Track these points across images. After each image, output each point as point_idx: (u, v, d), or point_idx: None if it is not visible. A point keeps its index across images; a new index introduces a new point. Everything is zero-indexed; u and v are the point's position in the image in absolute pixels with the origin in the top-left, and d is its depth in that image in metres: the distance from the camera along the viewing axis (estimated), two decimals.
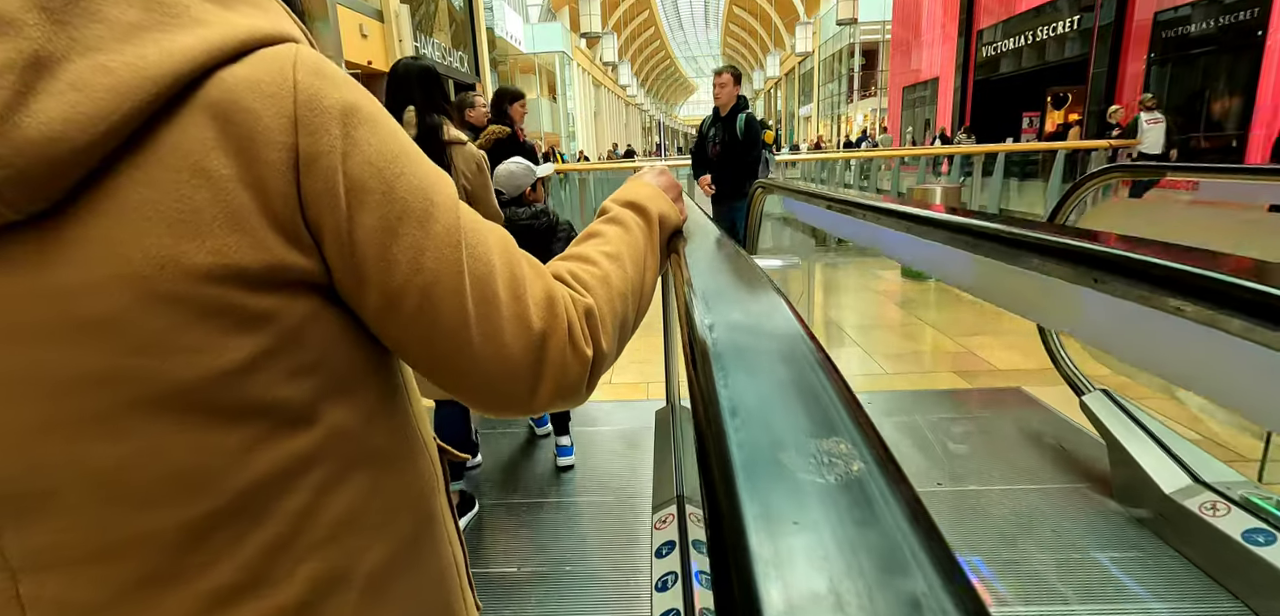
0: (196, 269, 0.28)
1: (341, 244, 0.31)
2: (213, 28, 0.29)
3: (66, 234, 0.26)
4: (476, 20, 16.26)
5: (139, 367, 0.28)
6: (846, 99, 24.64)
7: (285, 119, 0.30)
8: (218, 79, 0.29)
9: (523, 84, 26.82)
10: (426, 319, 0.34)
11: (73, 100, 0.25)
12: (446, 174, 0.37)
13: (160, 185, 0.27)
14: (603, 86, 32.17)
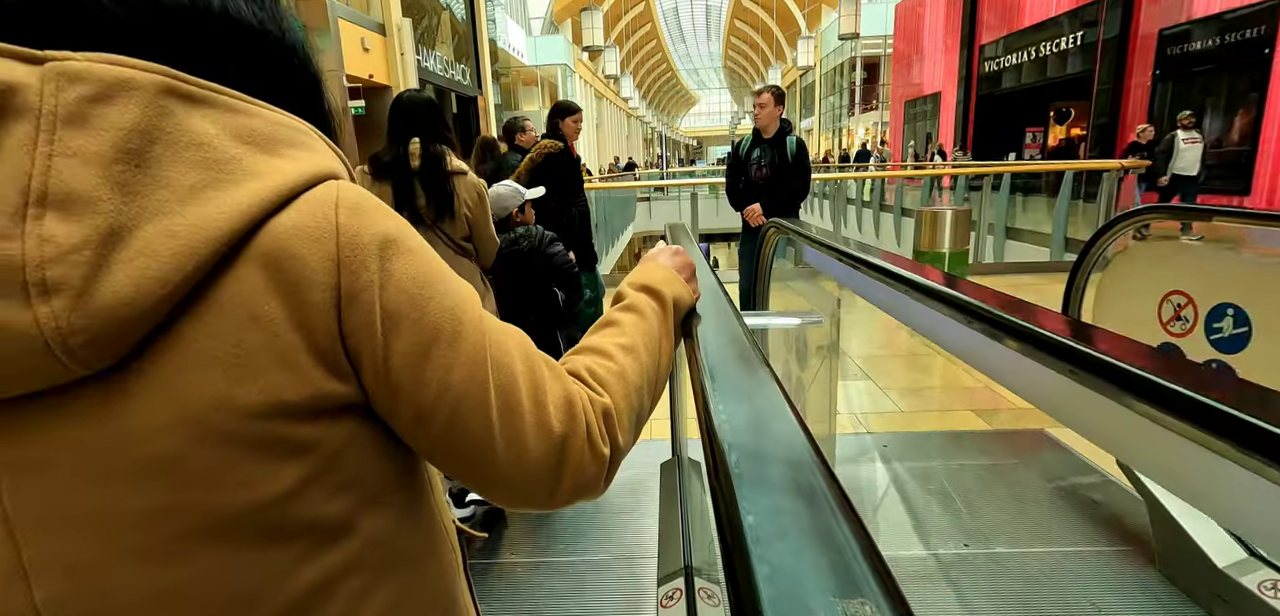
0: (249, 407, 0.30)
1: (377, 369, 0.34)
2: (262, 178, 0.31)
3: (131, 384, 0.29)
4: (479, 34, 16.29)
5: (196, 500, 0.30)
6: (848, 112, 24.67)
7: (329, 261, 0.32)
8: (268, 229, 0.31)
9: (525, 96, 26.88)
10: (455, 431, 0.36)
11: (143, 266, 0.27)
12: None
13: (217, 333, 0.30)
14: (604, 98, 32.27)
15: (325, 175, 0.34)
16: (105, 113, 0.28)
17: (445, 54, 14.82)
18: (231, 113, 0.32)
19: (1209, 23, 8.84)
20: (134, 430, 0.29)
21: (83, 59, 0.28)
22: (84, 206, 0.27)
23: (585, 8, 16.46)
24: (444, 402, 0.36)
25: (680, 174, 22.98)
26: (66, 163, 0.27)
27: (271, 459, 0.31)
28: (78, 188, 0.27)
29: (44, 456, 0.29)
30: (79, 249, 0.26)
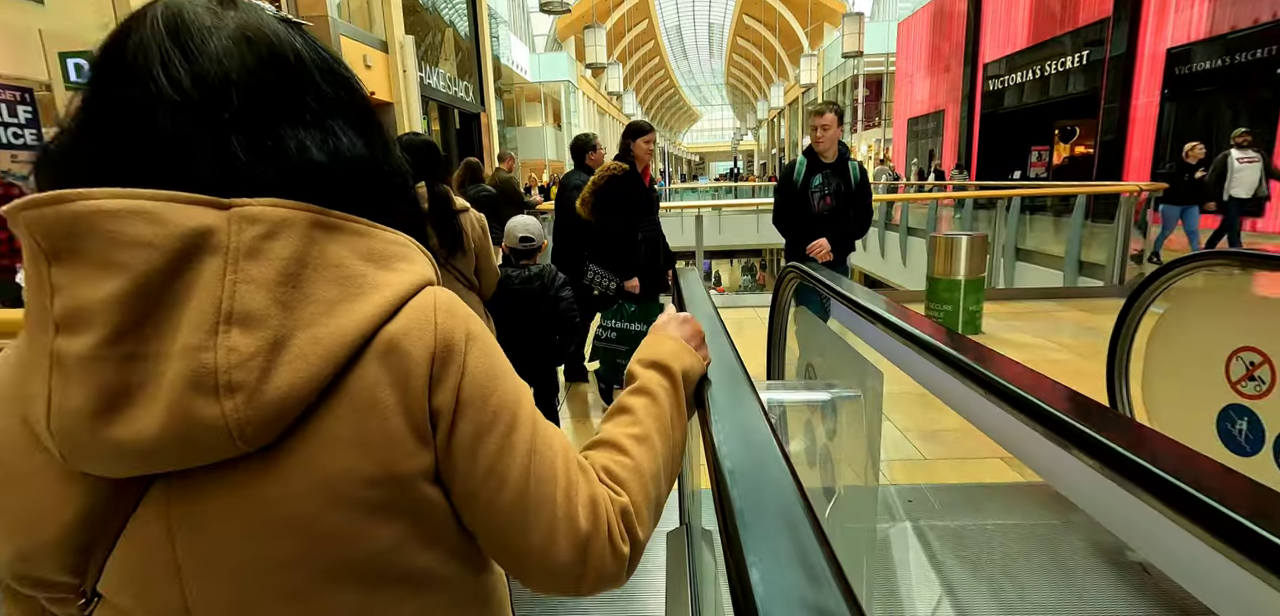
0: (367, 477, 0.38)
1: (443, 442, 0.41)
2: (382, 291, 0.39)
3: (280, 459, 0.37)
4: (482, 51, 16.34)
5: (326, 551, 0.38)
6: (851, 129, 24.67)
7: (428, 354, 0.40)
8: (385, 331, 0.39)
9: (528, 113, 26.99)
10: (495, 513, 0.42)
11: (297, 367, 0.35)
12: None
13: (346, 418, 0.37)
14: (608, 114, 32.39)
15: (425, 283, 0.42)
16: (272, 246, 0.36)
17: (449, 71, 14.83)
18: (358, 237, 0.40)
19: (1217, 42, 8.75)
20: (281, 495, 0.37)
21: (257, 204, 0.36)
22: (257, 322, 0.35)
23: (589, 25, 16.50)
24: (489, 485, 0.42)
25: (684, 192, 22.92)
26: (246, 288, 0.35)
27: (380, 518, 0.39)
28: (253, 307, 0.35)
29: (210, 516, 0.36)
30: (253, 356, 0.34)
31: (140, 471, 0.35)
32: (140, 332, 0.33)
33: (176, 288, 0.34)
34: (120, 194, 0.33)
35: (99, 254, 0.33)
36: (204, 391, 0.33)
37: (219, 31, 0.37)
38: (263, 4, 0.43)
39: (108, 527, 0.36)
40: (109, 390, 0.33)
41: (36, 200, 0.33)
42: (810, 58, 21.35)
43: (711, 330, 0.71)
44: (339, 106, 0.42)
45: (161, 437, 0.33)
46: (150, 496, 0.36)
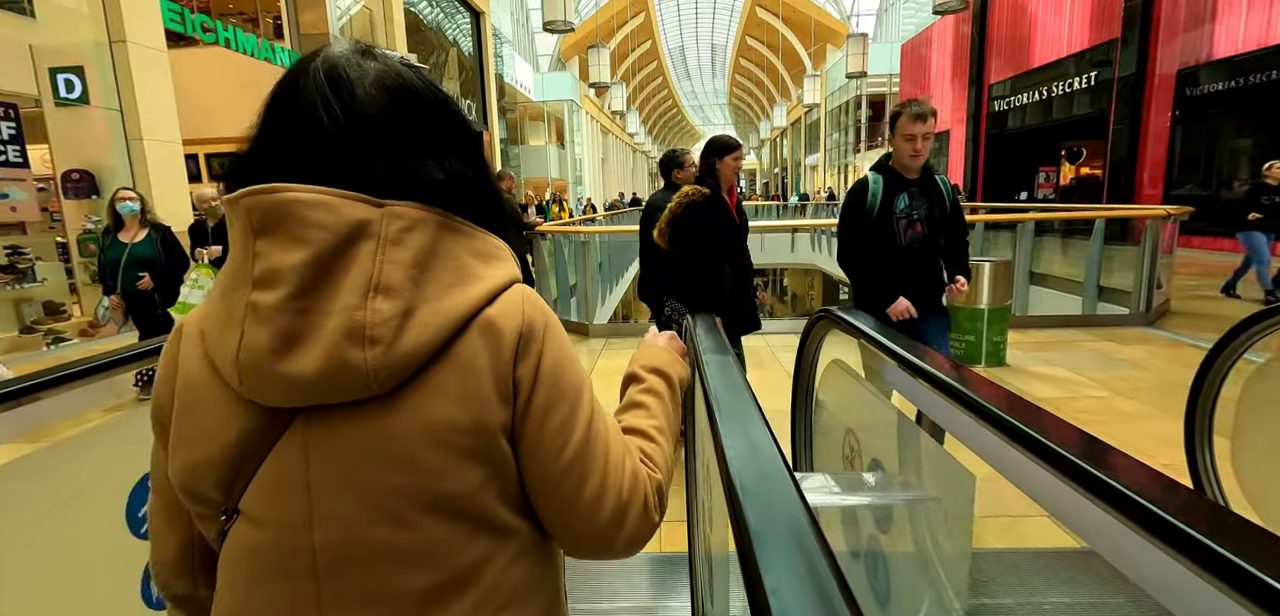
0: (461, 426, 0.47)
1: (522, 406, 0.50)
2: (485, 281, 0.49)
3: (396, 404, 0.46)
4: (485, 70, 16.36)
5: (423, 485, 0.46)
6: (853, 149, 24.64)
7: (516, 334, 0.49)
8: (485, 312, 0.49)
9: (531, 131, 27.03)
10: (555, 469, 0.51)
11: (420, 331, 0.45)
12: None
13: (451, 376, 0.47)
14: (610, 133, 32.47)
15: (515, 279, 0.52)
16: (411, 237, 0.46)
17: (452, 89, 14.82)
18: (469, 237, 0.50)
19: (1229, 63, 8.60)
20: (395, 433, 0.46)
21: (402, 206, 0.47)
22: (396, 293, 0.45)
23: (592, 45, 16.52)
24: (554, 445, 0.51)
25: None
26: (390, 266, 0.45)
27: (469, 462, 0.48)
28: (394, 281, 0.45)
29: (339, 445, 0.46)
30: (392, 319, 0.44)
31: (297, 402, 0.45)
32: (313, 292, 0.44)
33: (342, 261, 0.44)
34: (311, 189, 0.45)
35: (293, 231, 0.44)
36: (354, 341, 0.43)
37: (363, 80, 0.48)
38: (390, 52, 0.51)
39: (258, 450, 0.47)
40: (286, 333, 0.43)
41: (255, 190, 0.44)
42: (814, 78, 21.37)
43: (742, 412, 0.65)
44: (451, 136, 0.52)
45: (318, 374, 0.43)
46: (294, 427, 0.46)
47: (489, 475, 0.48)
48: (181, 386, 0.48)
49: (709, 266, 2.40)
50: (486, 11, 16.10)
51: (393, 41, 11.16)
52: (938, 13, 10.45)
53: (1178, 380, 3.36)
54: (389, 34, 11.15)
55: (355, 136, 0.46)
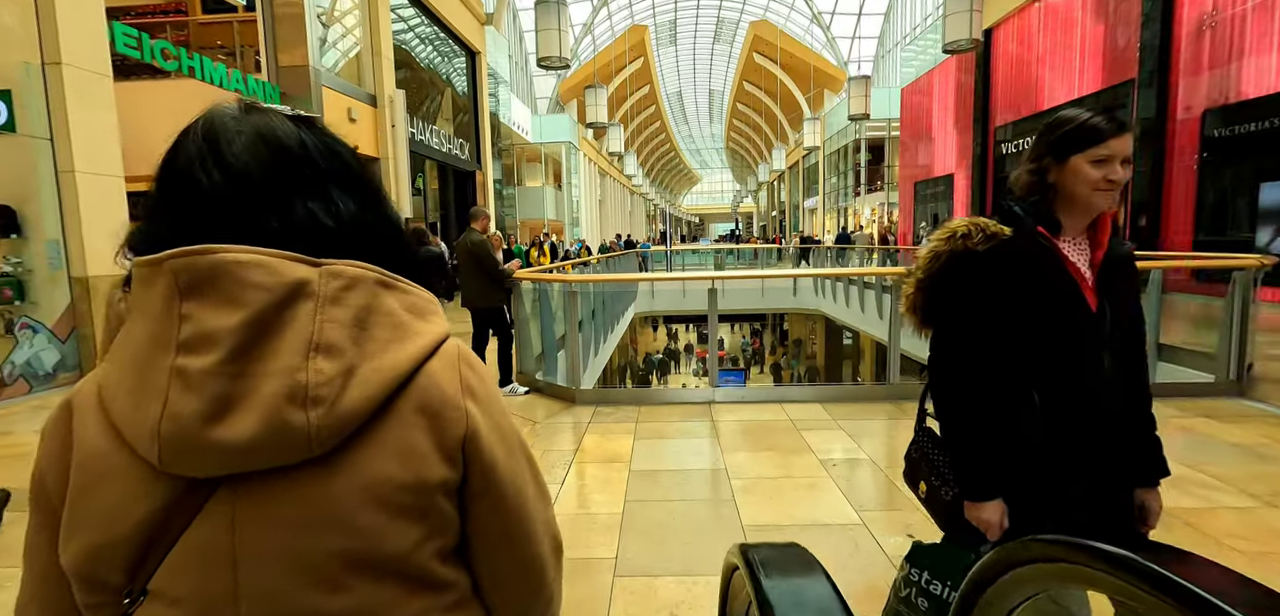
0: (403, 483, 0.45)
1: (480, 466, 0.49)
2: (422, 337, 0.48)
3: (333, 464, 0.43)
4: (480, 111, 16.04)
5: (360, 546, 0.44)
6: (853, 192, 24.40)
7: (457, 391, 0.49)
8: (424, 368, 0.47)
9: (528, 173, 26.81)
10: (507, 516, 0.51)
11: (362, 389, 0.44)
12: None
13: (391, 433, 0.45)
14: (608, 176, 32.35)
15: (448, 334, 0.51)
16: (350, 296, 0.45)
17: (446, 129, 14.42)
18: (403, 293, 0.49)
19: (1263, 103, 8.14)
20: (332, 494, 0.43)
21: (341, 264, 0.45)
22: (337, 352, 0.43)
23: (590, 86, 16.28)
24: (507, 491, 0.51)
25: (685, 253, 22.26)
26: (330, 326, 0.44)
27: (410, 520, 0.46)
28: (335, 340, 0.43)
29: (270, 511, 0.43)
30: (334, 378, 0.43)
31: (226, 470, 0.42)
32: (249, 355, 0.42)
33: (280, 321, 0.43)
34: (248, 250, 0.43)
35: (227, 292, 0.42)
36: (295, 402, 0.41)
37: (241, 136, 0.47)
38: (277, 107, 0.50)
39: (174, 526, 0.43)
40: (219, 398, 0.41)
41: (185, 251, 0.42)
42: (813, 121, 21.23)
43: None
44: (346, 183, 0.50)
45: (254, 440, 0.41)
46: (217, 497, 0.43)
47: (428, 532, 0.47)
48: (78, 464, 0.44)
49: (990, 393, 1.10)
50: (482, 51, 15.88)
51: (380, 76, 10.73)
52: (947, 52, 10.08)
53: None
54: (377, 70, 10.73)
55: (234, 194, 0.45)
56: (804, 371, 21.52)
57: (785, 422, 3.77)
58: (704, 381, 24.86)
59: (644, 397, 4.36)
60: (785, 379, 22.73)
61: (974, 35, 9.85)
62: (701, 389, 4.33)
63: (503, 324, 4.52)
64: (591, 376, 7.19)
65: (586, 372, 6.84)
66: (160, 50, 6.61)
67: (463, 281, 4.53)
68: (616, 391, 5.06)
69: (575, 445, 3.49)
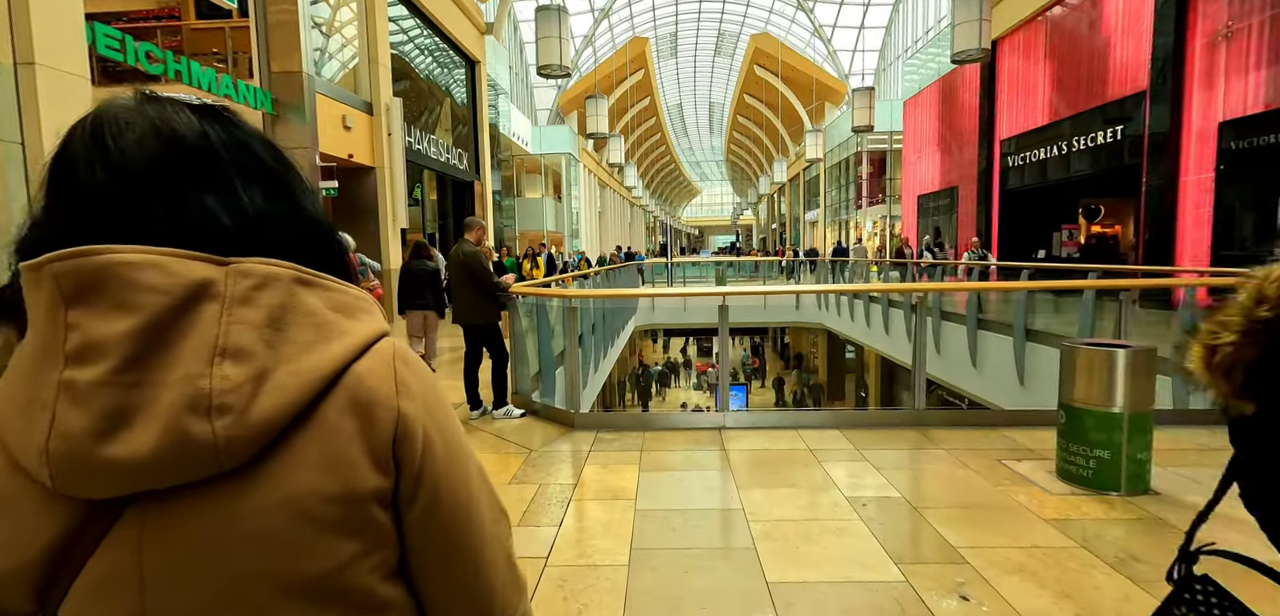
0: (329, 494, 0.41)
1: (415, 469, 0.45)
2: (350, 336, 0.44)
3: (250, 478, 0.40)
4: (479, 122, 15.84)
5: (283, 566, 0.40)
6: (854, 205, 24.23)
7: (390, 393, 0.44)
8: (352, 370, 0.43)
9: (528, 184, 26.62)
10: (455, 528, 0.47)
11: (278, 396, 0.40)
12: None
13: (315, 441, 0.41)
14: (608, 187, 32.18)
15: (382, 333, 0.47)
16: (261, 295, 0.41)
17: (445, 139, 14.20)
18: (329, 291, 0.45)
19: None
20: (250, 510, 0.39)
21: (251, 262, 0.42)
22: (246, 356, 0.40)
23: (591, 96, 16.10)
24: (454, 500, 0.47)
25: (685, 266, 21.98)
26: (238, 328, 0.40)
27: (338, 535, 0.41)
28: (243, 344, 0.40)
29: (181, 532, 0.39)
30: (242, 385, 0.39)
31: (126, 490, 0.39)
32: (144, 363, 0.38)
33: (179, 327, 0.39)
34: (140, 250, 0.39)
35: (117, 296, 0.38)
36: (198, 412, 0.38)
37: (133, 127, 0.43)
38: (181, 96, 0.48)
39: (80, 550, 0.40)
40: (111, 412, 0.37)
41: (67, 253, 0.39)
42: (815, 133, 21.09)
43: None
44: (241, 172, 0.45)
45: (154, 454, 0.37)
46: (124, 518, 0.39)
47: (365, 547, 0.43)
48: None
49: None
50: (482, 61, 15.72)
51: (376, 83, 10.51)
52: (956, 61, 9.89)
53: None
54: (374, 77, 10.51)
55: (120, 191, 0.42)
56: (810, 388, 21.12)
57: (803, 452, 3.46)
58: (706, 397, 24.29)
59: (648, 422, 4.04)
60: (789, 389, 22.38)
61: (983, 44, 9.67)
62: (710, 413, 4.02)
63: (498, 342, 4.22)
64: (591, 393, 6.87)
65: (586, 389, 6.53)
66: (145, 53, 6.36)
67: (454, 296, 4.23)
68: (618, 415, 4.75)
69: (574, 478, 3.17)
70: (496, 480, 3.10)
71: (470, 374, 4.23)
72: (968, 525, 2.51)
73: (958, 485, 2.94)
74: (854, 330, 13.55)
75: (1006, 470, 3.09)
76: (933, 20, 22.32)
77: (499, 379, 4.22)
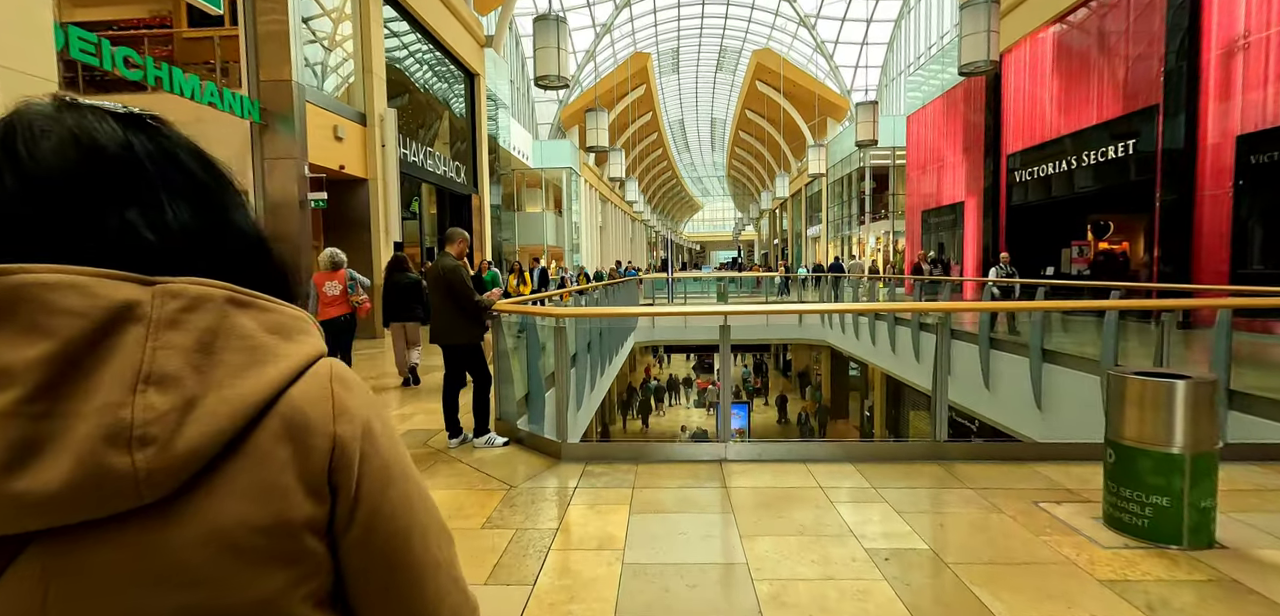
0: (259, 525, 0.39)
1: (349, 495, 0.43)
2: (284, 360, 0.42)
3: (174, 510, 0.38)
4: (478, 136, 15.66)
5: (209, 600, 0.38)
6: (857, 220, 24.00)
7: (327, 418, 0.42)
8: (287, 395, 0.41)
9: (529, 199, 26.45)
10: (391, 547, 0.45)
11: (205, 425, 0.38)
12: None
13: (244, 470, 0.39)
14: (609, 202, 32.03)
15: (320, 353, 0.45)
16: (191, 318, 0.39)
17: (443, 152, 13.99)
18: (264, 312, 0.43)
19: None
20: (173, 543, 0.37)
21: (180, 282, 0.40)
22: (173, 383, 0.38)
23: (591, 109, 15.92)
24: (393, 524, 0.45)
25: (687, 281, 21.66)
26: (164, 353, 0.38)
27: (269, 566, 0.40)
28: (170, 370, 0.38)
29: (91, 567, 0.37)
30: (168, 414, 0.37)
31: (35, 525, 0.36)
32: (57, 392, 0.36)
33: (99, 352, 0.37)
34: (58, 269, 0.37)
35: (29, 319, 0.36)
36: (117, 444, 0.36)
37: (49, 135, 0.41)
38: (106, 105, 0.45)
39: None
40: (17, 444, 0.35)
41: None
42: (817, 148, 20.91)
43: None
44: (168, 185, 0.43)
45: (67, 488, 0.35)
46: (26, 553, 0.37)
47: (294, 578, 0.41)
48: None
49: None
50: (481, 74, 15.57)
51: (371, 95, 10.29)
52: (963, 74, 9.66)
53: None
54: (368, 87, 10.30)
55: (32, 206, 0.39)
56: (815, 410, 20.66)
57: (813, 491, 3.11)
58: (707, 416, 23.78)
59: (642, 453, 3.69)
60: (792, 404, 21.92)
61: (991, 57, 9.44)
62: (710, 444, 3.67)
63: (480, 365, 3.89)
64: (584, 417, 6.51)
65: (580, 411, 6.17)
66: (123, 59, 6.12)
67: (432, 312, 3.91)
68: (610, 446, 4.40)
69: (557, 519, 2.82)
70: (468, 524, 2.75)
71: (449, 398, 3.90)
72: (1010, 587, 2.15)
73: (993, 534, 2.58)
74: (859, 348, 13.19)
75: (1045, 515, 2.73)
76: (935, 36, 22.25)
77: (480, 404, 3.88)
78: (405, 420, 4.61)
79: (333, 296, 5.74)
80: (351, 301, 5.78)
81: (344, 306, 5.76)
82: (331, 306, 5.72)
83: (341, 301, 5.75)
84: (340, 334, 5.76)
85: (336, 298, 5.75)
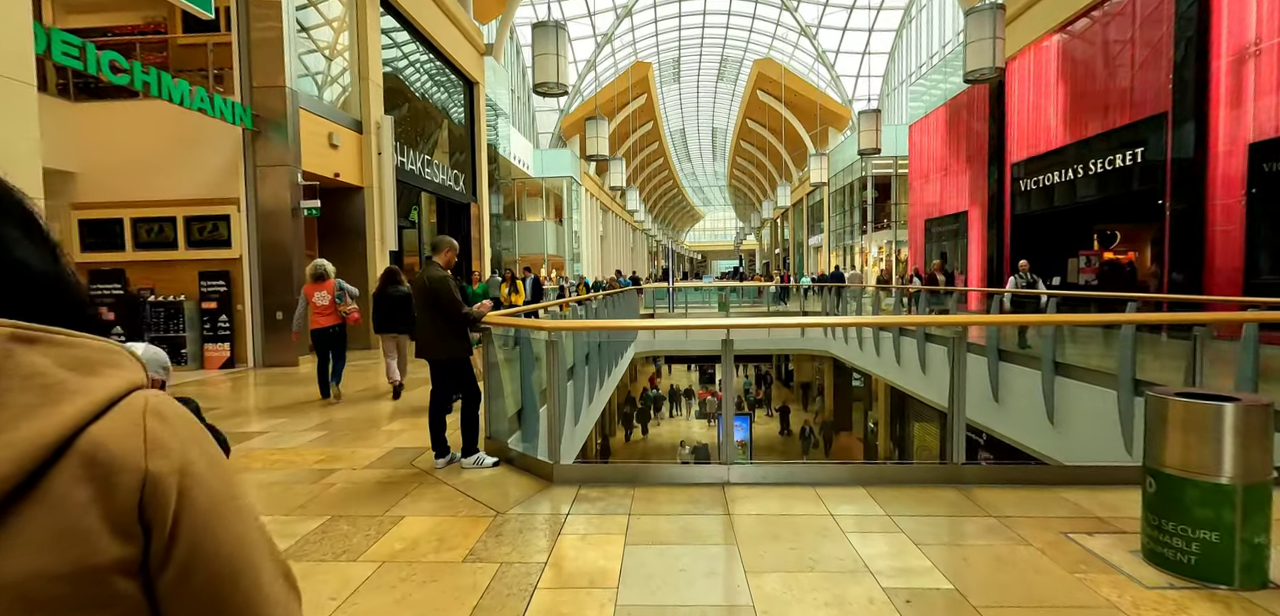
0: (57, 573, 0.37)
1: (164, 534, 0.40)
2: (85, 395, 0.40)
3: None
4: (478, 145, 15.55)
5: None
6: (859, 230, 23.84)
7: (135, 452, 0.40)
8: (87, 433, 0.39)
9: (529, 207, 26.35)
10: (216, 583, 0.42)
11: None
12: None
13: (38, 518, 0.37)
14: (610, 211, 31.93)
15: (134, 386, 0.43)
16: None
17: (442, 160, 13.87)
18: (61, 347, 0.41)
19: None
20: None
21: None
22: None
23: (591, 118, 15.82)
24: (217, 565, 0.42)
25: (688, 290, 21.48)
26: None
27: (74, 613, 0.37)
28: None
29: None
30: None
31: None
32: None
33: None
34: None
35: None
36: None
37: None
38: None
39: None
40: None
41: None
42: (819, 157, 20.80)
43: None
44: None
45: None
46: None
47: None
48: None
49: None
50: (481, 82, 15.48)
51: (368, 102, 10.16)
52: (969, 81, 9.52)
53: None
54: (364, 94, 10.17)
55: None
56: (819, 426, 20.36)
57: (823, 518, 2.89)
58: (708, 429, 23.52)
59: (639, 475, 3.48)
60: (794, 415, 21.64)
61: (997, 63, 9.29)
62: (712, 466, 3.46)
63: (468, 381, 3.68)
64: (582, 432, 6.29)
65: (577, 427, 5.96)
66: (109, 62, 5.97)
67: (417, 326, 3.71)
68: (605, 468, 4.18)
69: (547, 551, 2.60)
70: (449, 557, 2.53)
71: (436, 416, 3.69)
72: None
73: (1022, 570, 2.36)
74: (862, 359, 12.96)
75: (1077, 548, 2.51)
76: (937, 45, 22.19)
77: (469, 422, 3.67)
78: (392, 437, 4.40)
79: (323, 306, 5.66)
80: (340, 311, 5.69)
81: (333, 316, 5.69)
82: (322, 316, 5.67)
83: (331, 311, 5.68)
84: (331, 343, 5.68)
85: (326, 307, 5.66)
